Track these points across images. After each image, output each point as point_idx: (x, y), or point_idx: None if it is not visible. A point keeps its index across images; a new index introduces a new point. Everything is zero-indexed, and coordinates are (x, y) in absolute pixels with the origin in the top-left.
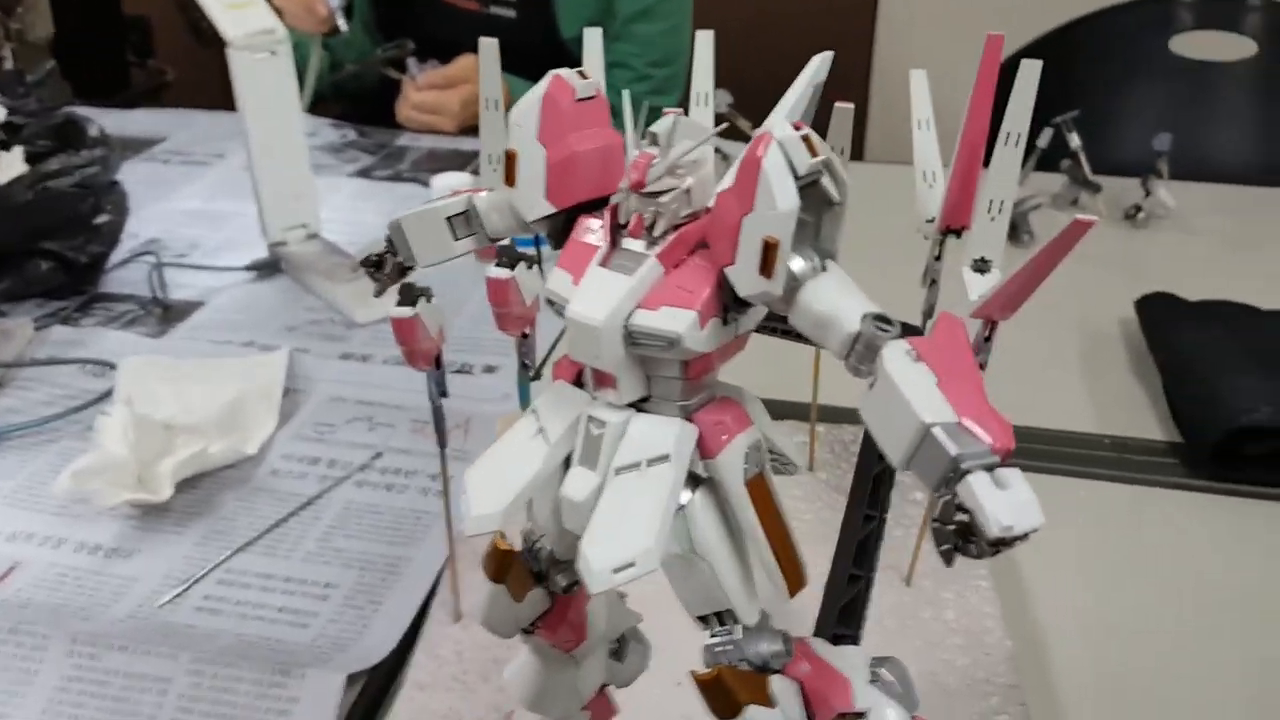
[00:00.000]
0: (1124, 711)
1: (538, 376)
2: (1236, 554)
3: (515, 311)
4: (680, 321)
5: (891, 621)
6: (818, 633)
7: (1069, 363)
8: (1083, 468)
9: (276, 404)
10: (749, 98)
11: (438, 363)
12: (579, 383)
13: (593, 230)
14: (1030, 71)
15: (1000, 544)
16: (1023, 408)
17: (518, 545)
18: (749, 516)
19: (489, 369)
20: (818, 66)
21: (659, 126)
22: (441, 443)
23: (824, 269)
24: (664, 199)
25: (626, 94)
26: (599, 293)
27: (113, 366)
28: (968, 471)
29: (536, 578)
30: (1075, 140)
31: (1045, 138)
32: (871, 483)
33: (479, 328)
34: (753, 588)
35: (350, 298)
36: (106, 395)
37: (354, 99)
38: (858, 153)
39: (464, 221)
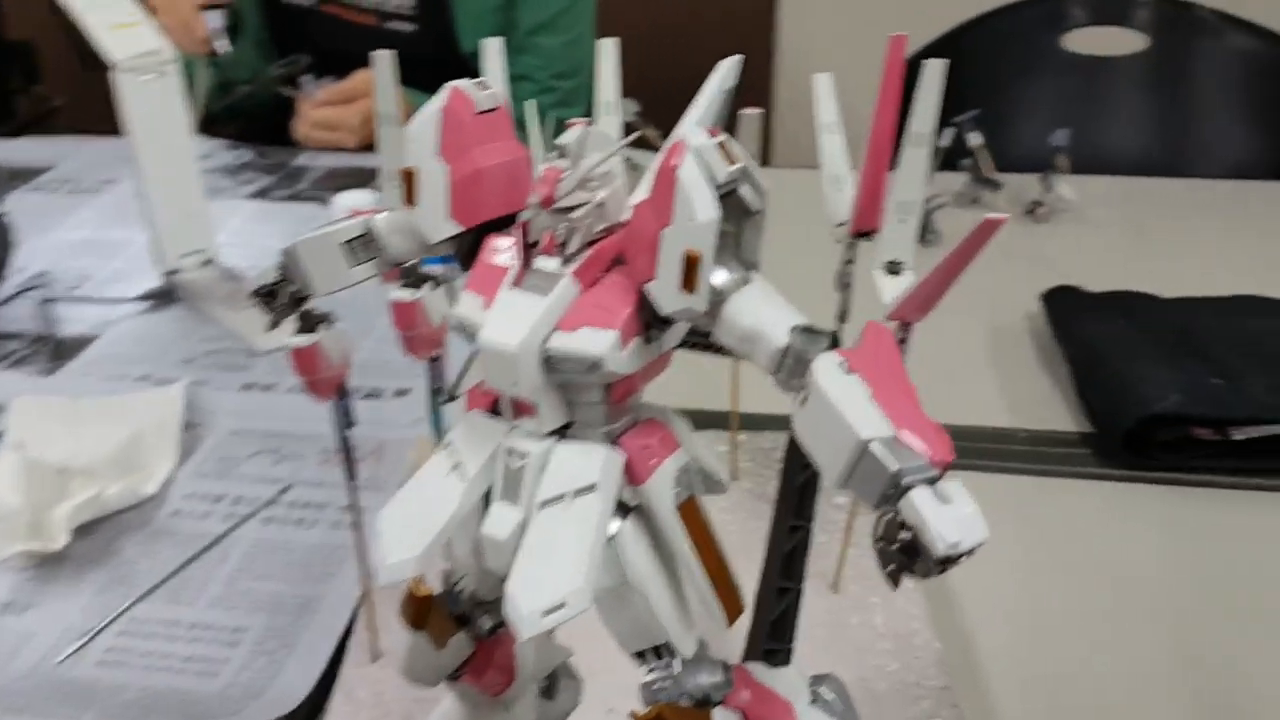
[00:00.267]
0: (1054, 705)
1: (453, 398)
2: (1153, 540)
3: (423, 334)
4: (601, 343)
5: (821, 631)
6: (749, 650)
7: (978, 359)
8: (998, 462)
9: (176, 440)
10: (653, 106)
11: (342, 392)
12: (495, 411)
13: (502, 250)
14: (934, 72)
15: (947, 561)
16: (936, 406)
17: (436, 587)
18: (681, 543)
19: (400, 393)
20: (726, 71)
21: (567, 138)
22: (351, 475)
23: (747, 281)
24: (576, 214)
25: (531, 105)
26: (512, 316)
27: (5, 408)
28: (909, 487)
29: (459, 621)
30: (976, 139)
31: (946, 137)
32: (797, 492)
33: (388, 350)
34: (689, 617)
35: (250, 325)
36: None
37: (249, 119)
38: (764, 158)
39: (362, 245)
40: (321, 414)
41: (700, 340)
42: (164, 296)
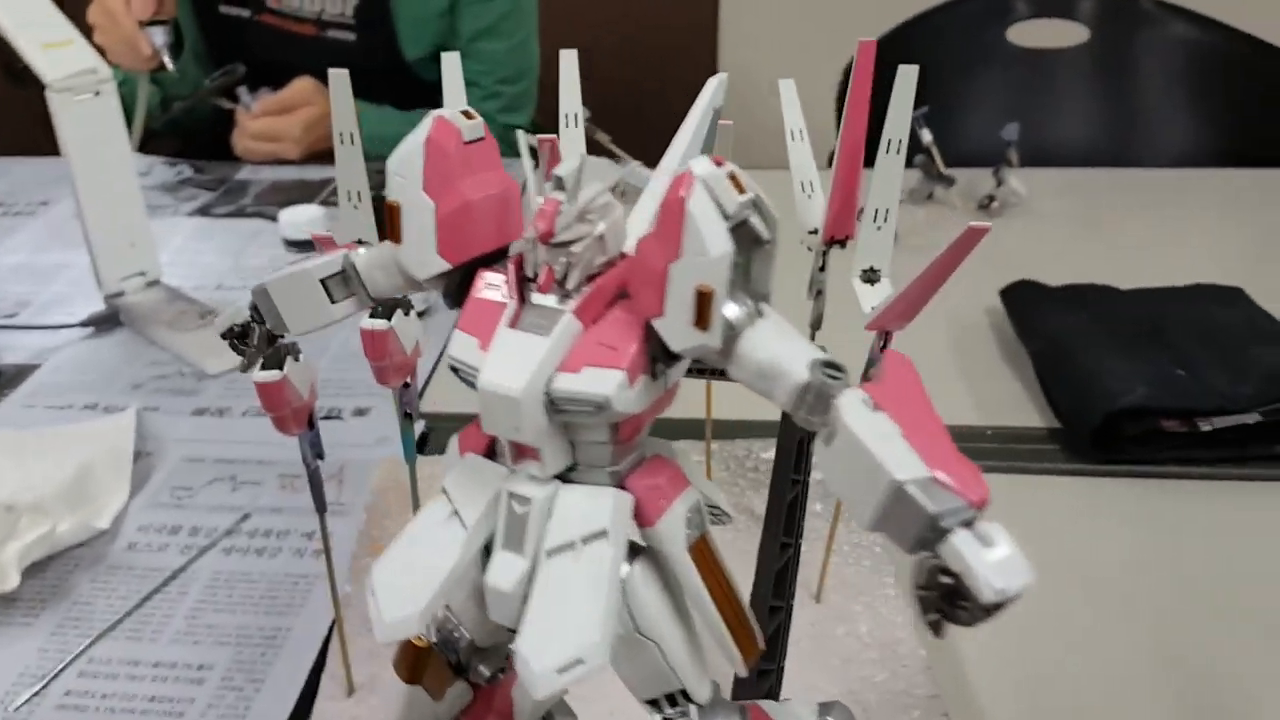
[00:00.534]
0: (1040, 708)
1: (408, 416)
2: (1126, 535)
3: (395, 363)
4: (607, 383)
5: (807, 643)
6: (738, 676)
7: (942, 357)
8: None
9: (127, 471)
10: (596, 113)
11: (310, 424)
12: (491, 454)
13: (496, 286)
14: (908, 77)
15: (994, 608)
16: None
17: (430, 635)
18: (695, 585)
19: (360, 412)
20: (714, 89)
21: (564, 169)
22: (320, 507)
23: (760, 314)
24: (576, 248)
25: (522, 136)
26: (513, 358)
27: None
28: (947, 530)
29: (455, 669)
30: (927, 136)
31: None
32: (786, 509)
33: (345, 368)
34: (703, 661)
35: (199, 348)
36: None
37: (187, 134)
38: None
39: (340, 282)
40: (278, 438)
41: (706, 367)
42: (107, 321)
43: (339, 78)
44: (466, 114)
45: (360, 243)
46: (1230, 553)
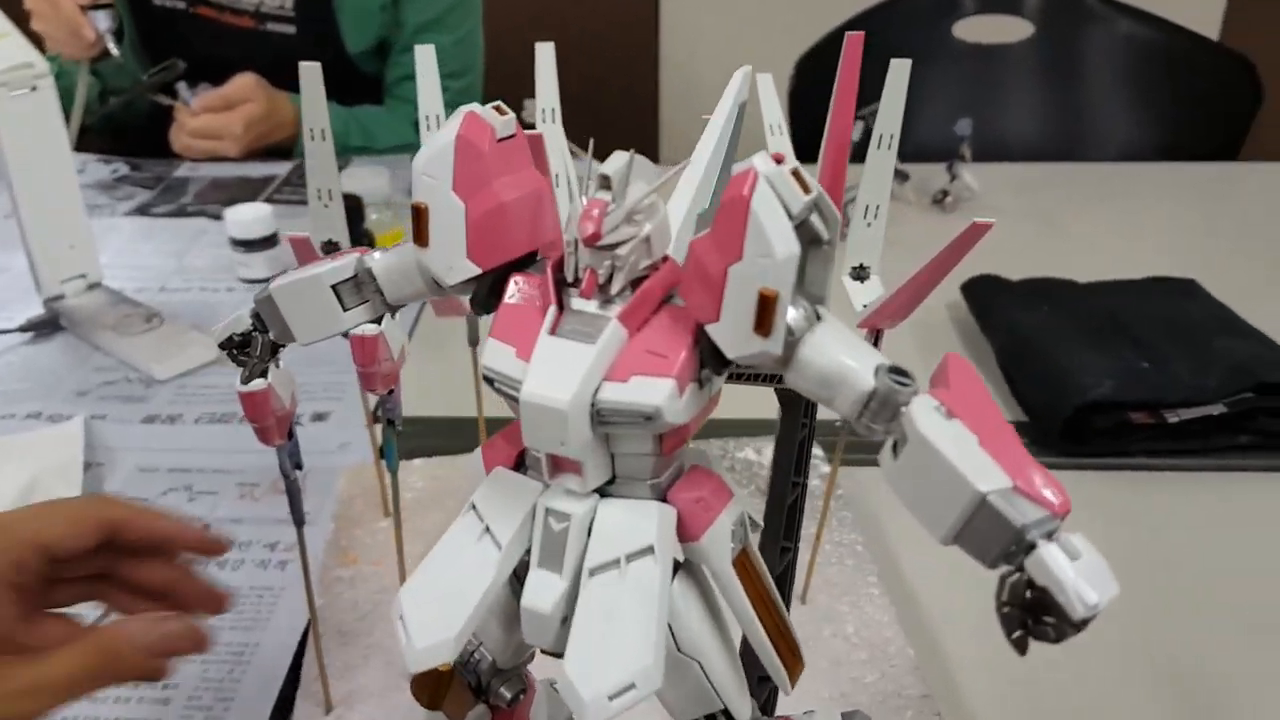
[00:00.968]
0: (1027, 704)
1: (391, 424)
2: (1097, 527)
3: (384, 370)
4: (657, 392)
5: None
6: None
7: (906, 353)
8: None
9: (78, 482)
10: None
11: (290, 432)
12: (518, 466)
13: (531, 291)
14: (900, 71)
15: (1083, 623)
16: None
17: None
18: (741, 601)
19: (319, 416)
20: (740, 83)
21: (611, 166)
22: (299, 520)
23: (819, 318)
24: (622, 250)
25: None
26: (558, 368)
27: None
28: (1032, 543)
29: (475, 692)
30: None
31: (856, 131)
32: (786, 513)
33: (301, 371)
34: (742, 680)
35: (146, 352)
36: None
37: (122, 130)
38: (654, 154)
39: (353, 288)
40: (234, 444)
41: (744, 371)
42: (47, 325)
43: (309, 71)
44: (499, 109)
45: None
46: (1199, 543)
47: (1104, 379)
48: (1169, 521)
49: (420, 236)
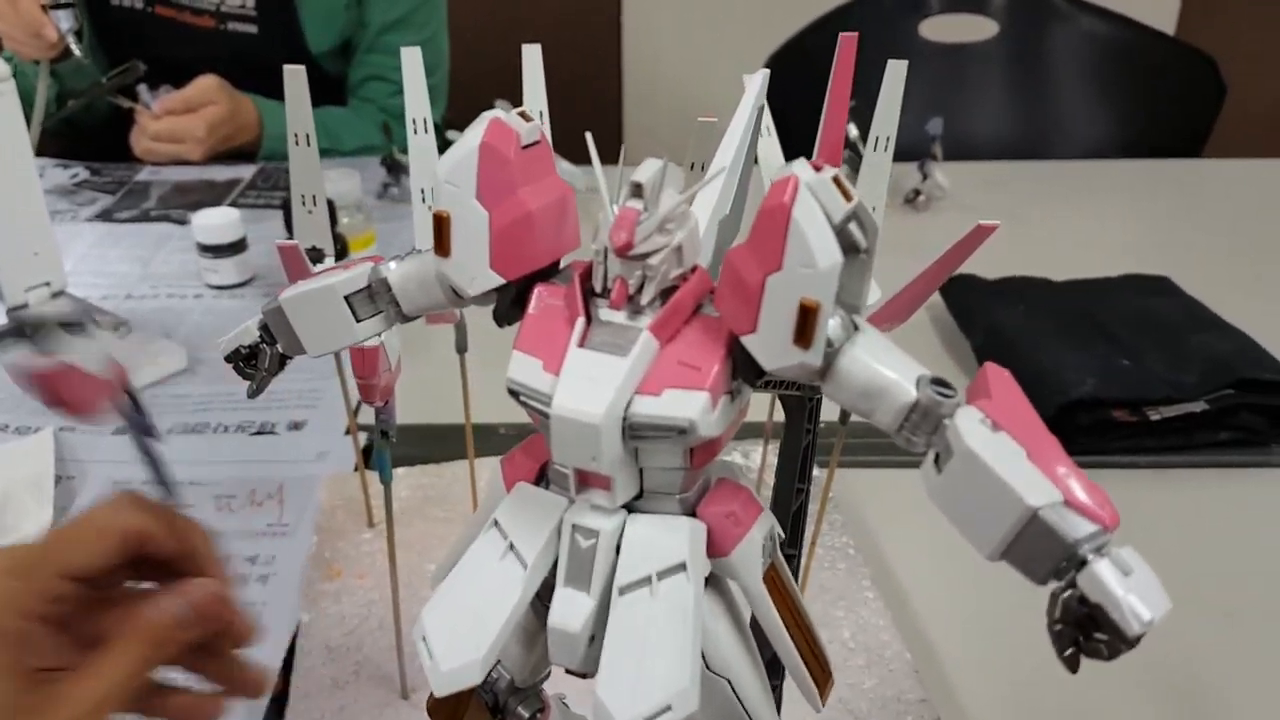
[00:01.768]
0: (1023, 706)
1: (385, 435)
2: None
3: (383, 381)
4: (691, 406)
5: None
6: None
7: None
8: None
9: (49, 495)
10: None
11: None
12: (539, 481)
13: (556, 302)
14: (896, 74)
15: (1137, 640)
16: None
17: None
18: (772, 617)
19: (295, 425)
20: (759, 87)
21: (644, 175)
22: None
23: (857, 327)
24: (653, 260)
25: (589, 137)
26: (589, 381)
27: None
28: (1084, 559)
29: (492, 711)
30: (853, 131)
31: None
32: (792, 519)
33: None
34: (771, 697)
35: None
36: None
37: (81, 133)
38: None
39: (366, 299)
40: (212, 455)
41: (773, 380)
42: (12, 334)
43: (294, 75)
44: (523, 115)
45: (345, 250)
46: (1183, 539)
47: (1085, 377)
48: (1153, 519)
49: (442, 246)
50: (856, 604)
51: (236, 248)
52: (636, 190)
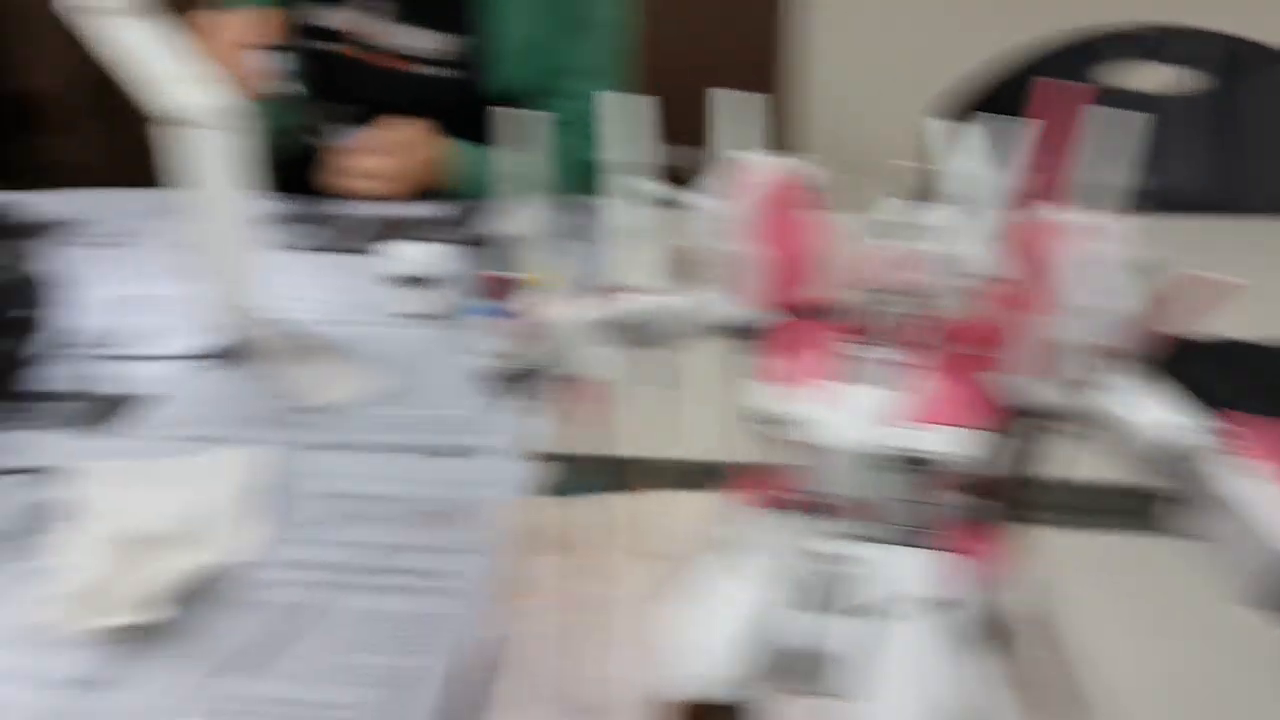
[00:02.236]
0: None
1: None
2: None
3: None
4: (958, 440)
5: None
6: None
7: None
8: None
9: (262, 505)
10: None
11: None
12: (786, 506)
13: (824, 336)
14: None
15: None
16: None
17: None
18: (1040, 655)
19: (473, 451)
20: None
21: (902, 212)
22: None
23: (1108, 365)
24: (914, 295)
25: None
26: (858, 413)
27: (63, 473)
28: None
29: None
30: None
31: None
32: None
33: (451, 403)
34: None
35: (314, 382)
36: (61, 507)
37: (278, 167)
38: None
39: (618, 326)
40: (411, 475)
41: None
42: (227, 353)
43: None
44: (803, 160)
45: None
46: None
47: None
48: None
49: (719, 278)
50: None
51: (430, 281)
52: (903, 230)
